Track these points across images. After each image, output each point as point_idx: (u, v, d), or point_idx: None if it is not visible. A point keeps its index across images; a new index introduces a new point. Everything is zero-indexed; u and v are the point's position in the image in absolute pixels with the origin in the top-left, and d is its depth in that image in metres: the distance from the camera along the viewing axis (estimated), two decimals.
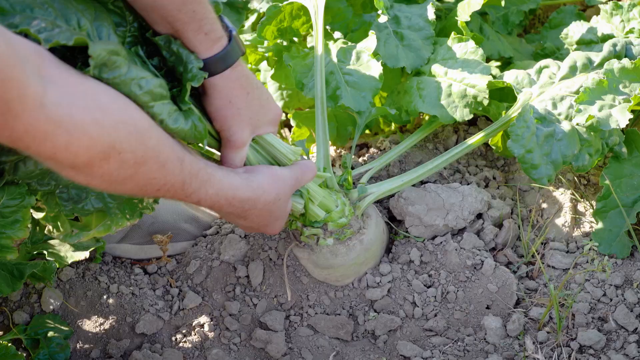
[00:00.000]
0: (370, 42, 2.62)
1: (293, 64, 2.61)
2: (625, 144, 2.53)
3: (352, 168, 2.62)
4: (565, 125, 2.40)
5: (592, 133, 2.40)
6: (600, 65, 2.50)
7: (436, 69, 2.65)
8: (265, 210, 1.89)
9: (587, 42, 2.74)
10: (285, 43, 2.87)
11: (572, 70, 2.53)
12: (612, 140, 2.47)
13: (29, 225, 1.98)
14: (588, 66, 2.52)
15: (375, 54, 2.59)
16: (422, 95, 2.63)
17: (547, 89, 2.52)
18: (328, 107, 2.51)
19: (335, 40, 2.74)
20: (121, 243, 2.56)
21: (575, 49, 2.71)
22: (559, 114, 2.44)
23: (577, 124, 2.39)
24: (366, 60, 2.60)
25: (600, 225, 2.50)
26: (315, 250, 2.31)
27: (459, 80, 2.55)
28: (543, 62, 2.60)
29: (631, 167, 2.53)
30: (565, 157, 2.38)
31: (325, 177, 2.29)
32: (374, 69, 2.56)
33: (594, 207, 2.54)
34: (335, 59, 2.62)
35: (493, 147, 2.78)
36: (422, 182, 2.71)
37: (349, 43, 2.69)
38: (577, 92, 2.43)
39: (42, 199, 1.89)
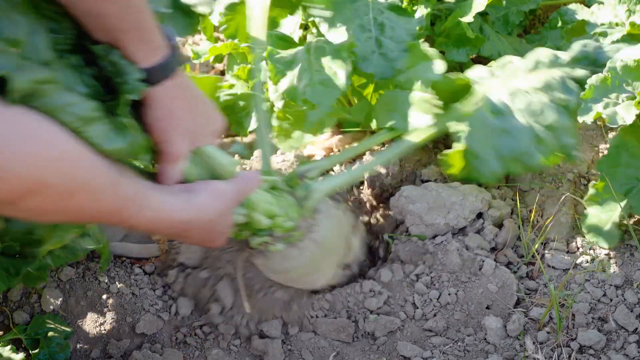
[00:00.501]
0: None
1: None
2: (623, 133, 2.53)
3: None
4: (521, 121, 2.41)
5: (548, 132, 2.40)
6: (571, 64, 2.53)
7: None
8: (208, 228, 1.81)
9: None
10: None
11: (536, 66, 2.53)
12: (565, 141, 2.43)
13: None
14: (554, 63, 2.53)
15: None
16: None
17: (508, 82, 2.53)
18: (295, 104, 2.50)
19: (318, 35, 2.74)
20: (123, 241, 2.56)
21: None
22: (518, 110, 2.44)
23: (534, 122, 2.40)
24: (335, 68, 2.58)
25: (591, 212, 2.51)
26: (268, 257, 2.24)
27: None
28: (507, 58, 2.60)
29: (628, 157, 2.53)
30: (514, 154, 2.39)
31: (270, 180, 2.19)
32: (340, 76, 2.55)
33: (588, 194, 2.55)
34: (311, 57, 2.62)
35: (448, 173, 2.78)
36: (423, 182, 2.71)
37: (327, 41, 2.67)
38: (539, 89, 2.44)
39: None
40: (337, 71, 2.43)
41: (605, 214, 2.50)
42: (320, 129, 2.77)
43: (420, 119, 2.47)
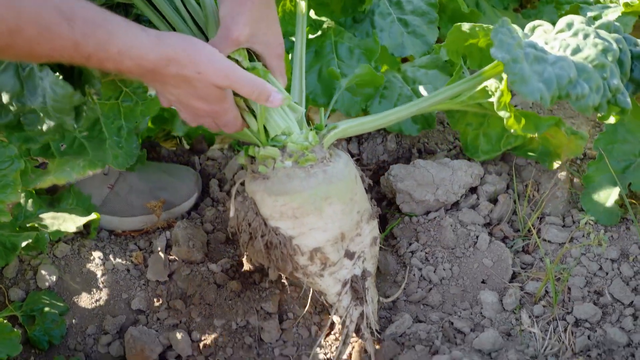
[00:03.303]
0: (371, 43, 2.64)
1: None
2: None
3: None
4: (558, 53, 2.26)
5: (590, 65, 2.30)
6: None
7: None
8: (182, 79, 1.76)
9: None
10: None
11: (569, 27, 2.46)
12: (613, 84, 2.25)
13: (20, 189, 1.97)
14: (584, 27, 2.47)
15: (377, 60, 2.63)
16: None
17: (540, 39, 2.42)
18: (320, 103, 2.55)
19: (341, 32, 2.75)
20: (102, 214, 2.56)
21: None
22: (552, 48, 2.29)
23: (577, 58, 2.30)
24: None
25: (589, 190, 2.51)
26: (271, 177, 2.05)
27: None
28: (536, 22, 2.48)
29: (624, 133, 2.53)
30: (560, 78, 2.15)
31: (298, 110, 2.15)
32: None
33: (585, 172, 2.55)
34: (336, 57, 2.63)
35: (463, 146, 2.79)
36: (427, 152, 2.72)
37: (353, 39, 2.69)
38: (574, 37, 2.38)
39: (5, 134, 1.87)
40: None
41: (604, 192, 2.50)
42: None
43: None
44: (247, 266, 2.29)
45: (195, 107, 1.89)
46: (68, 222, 2.35)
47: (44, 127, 1.96)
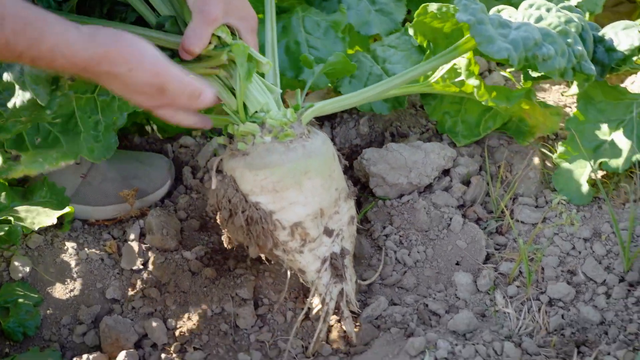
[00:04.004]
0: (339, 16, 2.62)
1: None
2: (591, 90, 2.53)
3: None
4: (522, 22, 2.31)
5: (554, 31, 2.31)
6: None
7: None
8: (114, 77, 1.72)
9: None
10: None
11: (531, 5, 2.47)
12: (577, 50, 2.33)
13: None
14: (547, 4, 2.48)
15: (344, 31, 2.60)
16: None
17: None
18: (289, 76, 2.53)
19: (309, 8, 2.73)
20: (74, 204, 2.55)
21: None
22: (516, 19, 2.36)
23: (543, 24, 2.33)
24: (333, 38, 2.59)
25: (561, 170, 2.53)
26: (250, 152, 2.06)
27: None
28: (501, 6, 2.50)
29: (595, 112, 2.56)
30: (526, 40, 2.21)
31: (275, 90, 2.16)
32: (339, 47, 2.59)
33: (557, 152, 2.56)
34: (303, 30, 2.62)
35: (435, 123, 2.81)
36: (400, 135, 2.72)
37: (321, 14, 2.68)
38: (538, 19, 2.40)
39: None
40: None
41: (576, 172, 2.52)
42: None
43: None
44: (226, 245, 2.27)
45: (138, 102, 1.85)
46: (42, 216, 2.35)
47: (18, 102, 1.95)
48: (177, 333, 2.26)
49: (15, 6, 1.54)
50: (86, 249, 2.47)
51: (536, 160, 2.64)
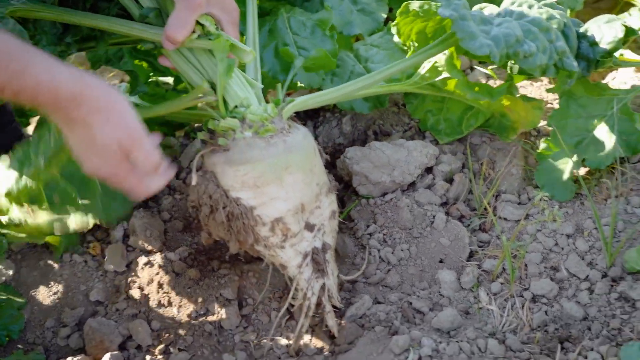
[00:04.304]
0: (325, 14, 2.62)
1: None
2: (572, 86, 2.54)
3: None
4: (504, 19, 2.33)
5: (535, 28, 2.32)
6: None
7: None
8: (89, 124, 1.67)
9: None
10: None
11: (513, 3, 2.48)
12: (559, 46, 2.35)
13: None
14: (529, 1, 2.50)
15: (332, 29, 2.60)
16: None
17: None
18: (281, 80, 2.51)
19: (292, 8, 2.73)
20: None
21: None
22: (498, 16, 2.37)
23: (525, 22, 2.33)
24: (321, 36, 2.59)
25: (543, 166, 2.54)
26: (231, 147, 2.06)
27: None
28: (483, 4, 2.51)
29: (577, 109, 2.56)
30: (507, 37, 2.23)
31: (256, 85, 2.16)
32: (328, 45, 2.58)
33: (539, 148, 2.57)
34: (290, 31, 2.62)
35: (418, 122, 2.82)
36: (383, 134, 2.73)
37: (305, 14, 2.68)
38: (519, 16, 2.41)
39: None
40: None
41: (558, 168, 2.52)
42: None
43: None
44: (206, 241, 2.26)
45: (92, 164, 1.78)
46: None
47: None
48: (161, 334, 2.25)
49: (9, 39, 1.53)
50: (69, 252, 2.47)
51: (518, 156, 2.65)
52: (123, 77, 3.88)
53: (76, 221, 2.25)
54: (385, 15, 2.84)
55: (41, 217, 2.22)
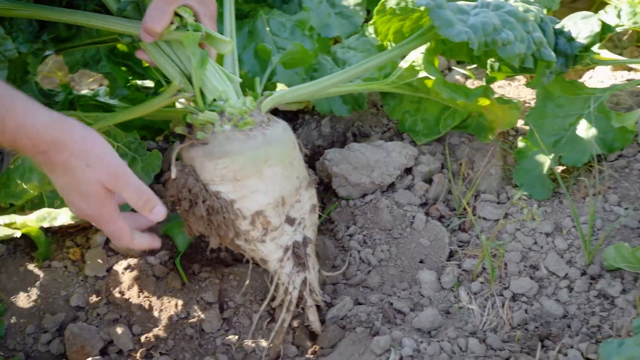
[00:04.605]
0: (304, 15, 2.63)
1: None
2: (549, 85, 2.56)
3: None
4: (481, 9, 2.34)
5: (512, 18, 2.33)
6: None
7: None
8: (70, 168, 1.70)
9: None
10: None
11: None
12: (537, 36, 2.36)
13: None
14: None
15: (311, 29, 2.60)
16: None
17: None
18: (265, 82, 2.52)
19: (271, 10, 2.73)
20: None
21: None
22: (474, 7, 2.37)
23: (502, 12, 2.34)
24: (300, 36, 2.59)
25: (522, 165, 2.55)
26: (210, 141, 2.04)
27: None
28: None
29: (554, 108, 2.58)
30: (485, 25, 2.24)
31: (234, 79, 2.16)
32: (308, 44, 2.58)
33: (517, 148, 2.59)
34: (270, 32, 2.62)
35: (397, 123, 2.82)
36: (346, 139, 2.74)
37: (284, 15, 2.68)
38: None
39: None
40: None
41: (536, 167, 2.54)
42: None
43: None
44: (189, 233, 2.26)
45: (77, 206, 1.81)
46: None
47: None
48: (142, 339, 2.25)
49: None
50: (50, 258, 2.46)
51: (497, 156, 2.66)
52: (102, 81, 3.87)
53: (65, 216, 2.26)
54: (362, 20, 2.85)
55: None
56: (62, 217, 2.29)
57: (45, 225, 2.28)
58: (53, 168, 1.71)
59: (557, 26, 2.55)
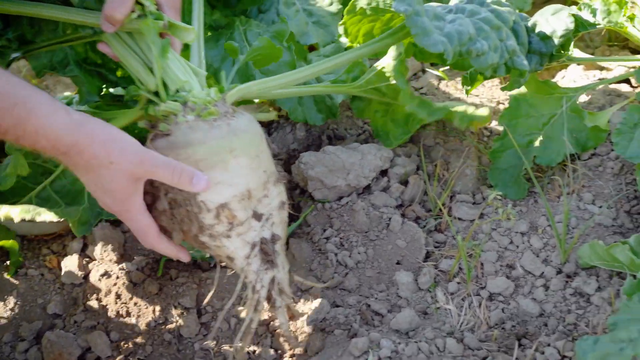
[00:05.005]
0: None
1: None
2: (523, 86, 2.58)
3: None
4: (456, 15, 2.33)
5: (487, 26, 2.32)
6: None
7: None
8: (92, 168, 1.70)
9: None
10: None
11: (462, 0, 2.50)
12: (510, 45, 2.36)
13: None
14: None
15: (289, 39, 2.61)
16: None
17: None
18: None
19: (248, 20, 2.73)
20: None
21: None
22: (449, 11, 2.37)
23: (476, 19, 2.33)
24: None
25: (496, 165, 2.56)
26: (173, 132, 1.94)
27: None
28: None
29: (527, 108, 2.61)
30: (460, 34, 2.22)
31: (199, 73, 2.10)
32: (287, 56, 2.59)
33: (492, 148, 2.60)
34: (247, 44, 2.62)
35: (374, 134, 2.82)
36: (322, 142, 2.74)
37: (261, 26, 2.68)
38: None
39: None
40: None
41: (510, 167, 2.55)
42: None
43: None
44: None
45: (103, 202, 1.81)
46: None
47: None
48: (120, 345, 2.25)
49: (6, 84, 1.54)
50: (26, 265, 2.45)
51: (472, 157, 2.68)
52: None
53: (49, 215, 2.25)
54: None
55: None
56: (46, 215, 2.27)
57: (28, 217, 2.26)
58: (76, 167, 1.72)
59: (530, 23, 2.56)
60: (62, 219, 2.29)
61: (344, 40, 2.73)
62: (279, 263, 2.04)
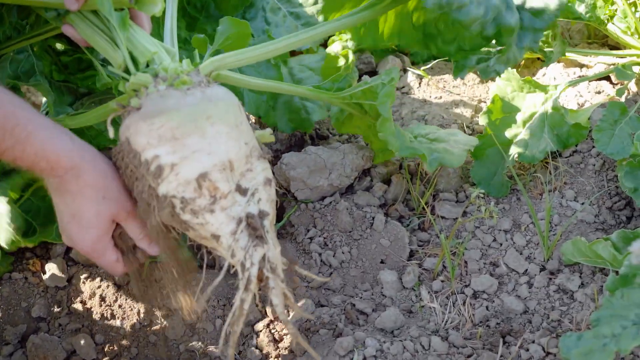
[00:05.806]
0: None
1: None
2: (504, 83, 2.58)
3: None
4: None
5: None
6: None
7: None
8: (83, 195, 1.67)
9: None
10: None
11: None
12: (494, 2, 2.25)
13: None
14: None
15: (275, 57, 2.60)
16: None
17: None
18: None
19: None
20: None
21: None
22: None
23: None
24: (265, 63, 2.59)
25: (479, 163, 2.57)
26: (144, 104, 1.80)
27: None
28: None
29: (509, 105, 2.61)
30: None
31: (171, 51, 1.99)
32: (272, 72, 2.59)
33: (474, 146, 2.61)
34: None
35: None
36: (304, 142, 2.74)
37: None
38: None
39: None
40: None
41: (492, 165, 2.56)
42: None
43: None
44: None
45: (73, 236, 1.75)
46: None
47: None
48: (105, 347, 2.24)
49: (7, 104, 1.53)
50: (9, 271, 2.44)
51: None
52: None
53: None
54: None
55: None
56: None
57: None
58: (64, 193, 1.67)
59: (518, 2, 2.45)
60: None
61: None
62: (270, 240, 1.85)
